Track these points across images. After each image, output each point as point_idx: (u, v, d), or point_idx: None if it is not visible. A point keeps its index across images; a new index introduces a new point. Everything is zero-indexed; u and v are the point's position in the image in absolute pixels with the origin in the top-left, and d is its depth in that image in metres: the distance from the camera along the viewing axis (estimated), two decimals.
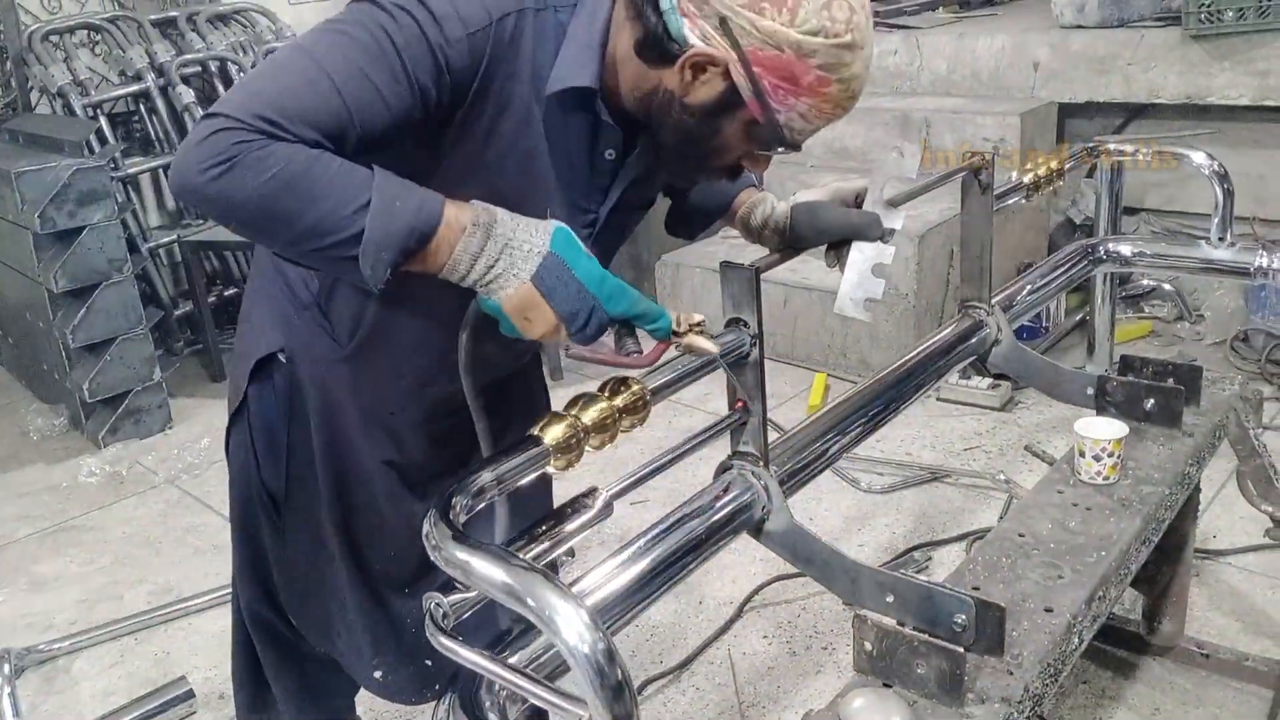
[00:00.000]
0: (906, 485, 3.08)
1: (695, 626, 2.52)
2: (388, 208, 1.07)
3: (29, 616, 2.86)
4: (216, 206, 1.08)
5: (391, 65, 1.10)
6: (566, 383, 4.06)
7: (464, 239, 1.10)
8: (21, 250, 3.78)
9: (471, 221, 1.11)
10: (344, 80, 1.09)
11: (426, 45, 1.11)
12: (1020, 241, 4.07)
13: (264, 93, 1.08)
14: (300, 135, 1.06)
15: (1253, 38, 3.61)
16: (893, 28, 4.65)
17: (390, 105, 1.11)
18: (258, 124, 1.04)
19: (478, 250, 1.10)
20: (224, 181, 1.04)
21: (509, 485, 1.12)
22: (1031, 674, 1.26)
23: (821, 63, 1.13)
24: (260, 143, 1.04)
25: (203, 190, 1.05)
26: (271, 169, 1.04)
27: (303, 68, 1.10)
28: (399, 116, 1.12)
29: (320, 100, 1.08)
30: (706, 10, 1.13)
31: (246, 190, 1.04)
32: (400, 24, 1.11)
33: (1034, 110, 4.00)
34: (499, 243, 1.11)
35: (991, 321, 1.86)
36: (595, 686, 0.92)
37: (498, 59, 1.16)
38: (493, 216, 1.12)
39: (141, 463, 3.72)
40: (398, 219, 1.07)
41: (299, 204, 1.05)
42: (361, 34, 1.11)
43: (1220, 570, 2.56)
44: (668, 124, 1.22)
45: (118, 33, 4.60)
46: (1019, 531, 1.57)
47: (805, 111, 1.18)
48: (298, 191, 1.05)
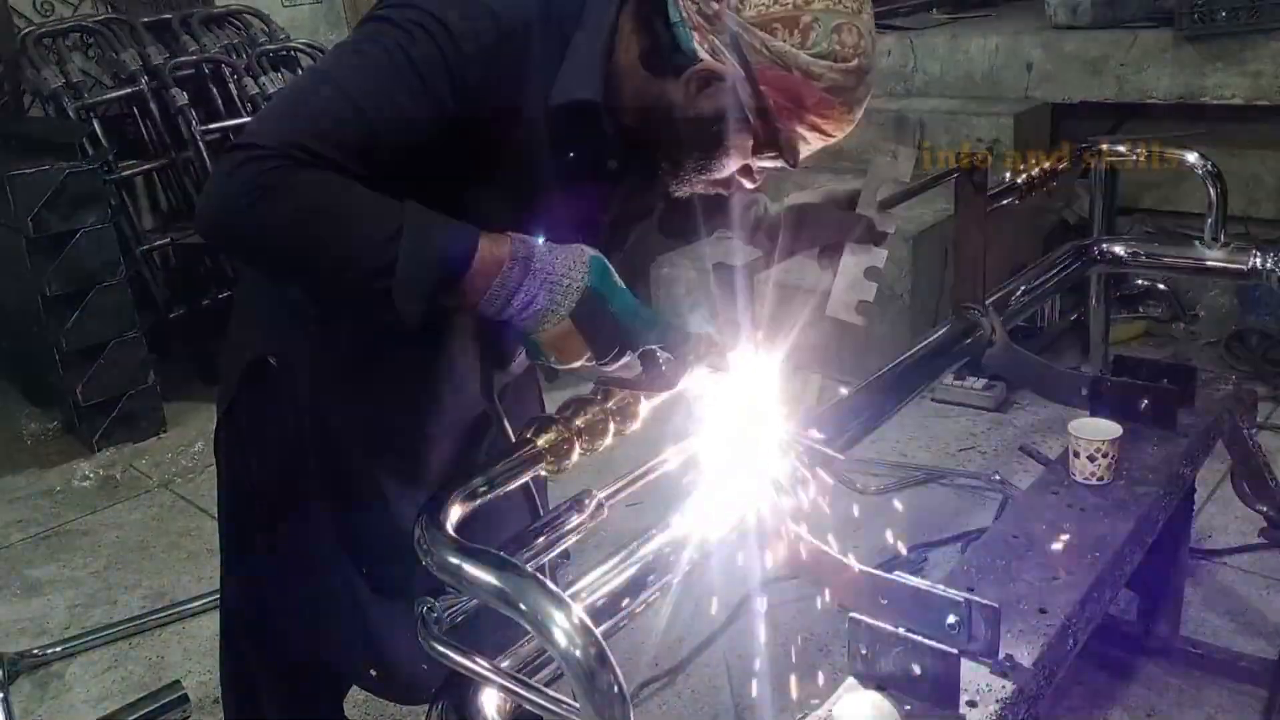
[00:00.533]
0: (901, 486, 3.08)
1: (690, 629, 2.52)
2: (421, 238, 1.07)
3: (22, 621, 2.85)
4: (250, 238, 1.08)
5: (410, 83, 1.11)
6: (560, 385, 4.06)
7: (502, 273, 1.10)
8: (14, 254, 3.76)
9: (510, 255, 1.11)
10: (366, 101, 1.09)
11: (443, 62, 1.11)
12: (1015, 242, 4.07)
13: (289, 119, 1.09)
14: (328, 158, 1.07)
15: (1245, 38, 3.62)
16: (887, 29, 4.65)
17: (412, 122, 1.12)
18: (287, 151, 1.05)
19: (516, 285, 1.11)
20: (257, 211, 1.04)
21: (500, 488, 1.12)
22: (1026, 676, 1.26)
23: (828, 85, 1.15)
24: (291, 169, 1.04)
25: (237, 222, 1.06)
26: (303, 195, 1.04)
27: (324, 92, 1.11)
28: (420, 132, 1.13)
29: (345, 123, 1.09)
30: (718, 26, 1.14)
31: (280, 217, 1.05)
32: (417, 41, 1.11)
33: (1028, 111, 4.01)
34: (538, 278, 1.11)
35: (986, 322, 1.86)
36: (588, 691, 0.92)
37: (508, 73, 1.17)
38: (530, 250, 1.12)
39: (135, 466, 3.71)
40: (430, 248, 1.07)
41: (332, 231, 1.06)
42: (379, 54, 1.11)
43: (1215, 570, 2.56)
44: (668, 135, 1.23)
45: (111, 35, 4.59)
46: (1014, 532, 1.57)
47: (806, 131, 1.20)
48: (330, 218, 1.06)
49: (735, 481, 1.38)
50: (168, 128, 4.53)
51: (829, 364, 2.38)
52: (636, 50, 1.21)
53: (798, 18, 1.13)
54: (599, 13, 1.21)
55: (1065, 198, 4.25)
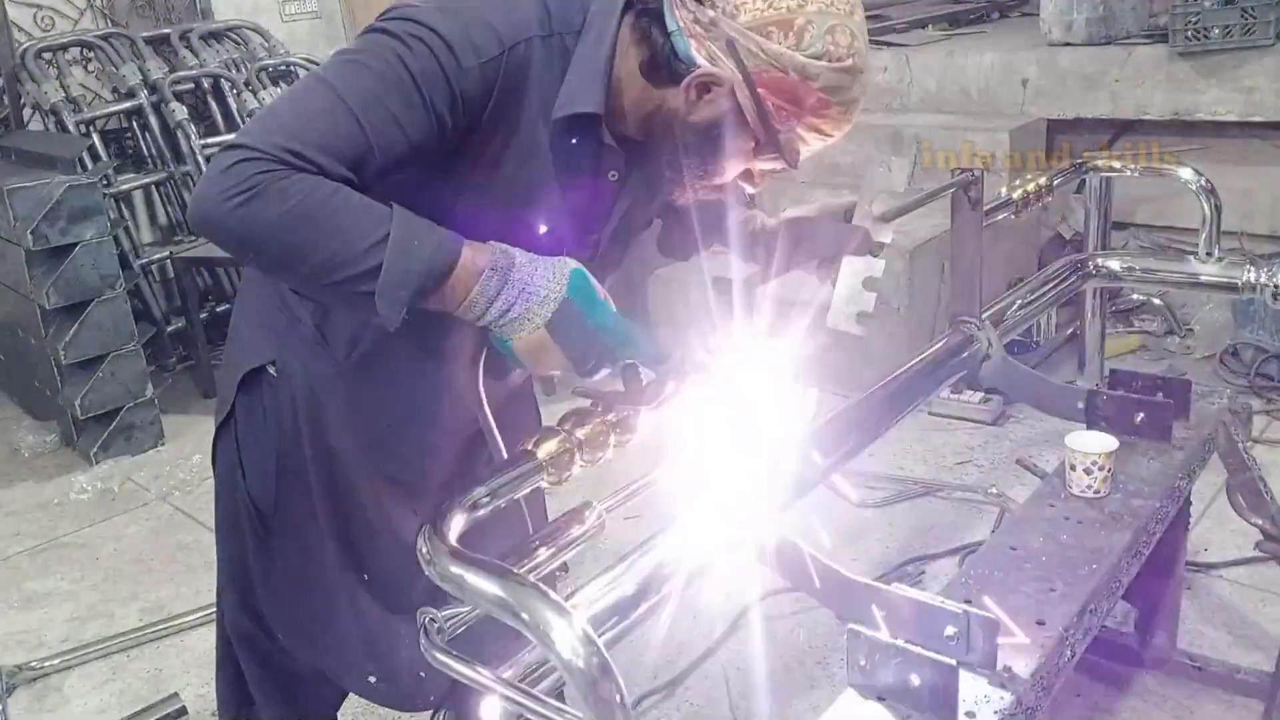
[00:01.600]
0: (899, 499, 3.08)
1: (689, 641, 2.52)
2: (406, 245, 1.09)
3: (20, 634, 2.85)
4: (236, 236, 1.10)
5: (408, 94, 1.12)
6: (560, 398, 4.06)
7: (481, 282, 1.13)
8: (13, 267, 3.77)
9: (489, 265, 1.13)
10: (363, 109, 1.11)
11: (441, 73, 1.13)
12: (1010, 257, 4.09)
13: (285, 124, 1.11)
14: (321, 165, 1.08)
15: (1239, 55, 3.64)
16: (883, 45, 4.68)
17: (408, 133, 1.13)
18: (279, 154, 1.07)
19: (494, 294, 1.13)
20: (245, 211, 1.06)
21: (501, 500, 1.13)
22: (1024, 687, 1.26)
23: (824, 85, 1.17)
24: (282, 173, 1.06)
25: (224, 220, 1.08)
26: (292, 199, 1.06)
27: (322, 98, 1.12)
28: (416, 144, 1.15)
29: (340, 130, 1.10)
30: (714, 33, 1.17)
31: (268, 220, 1.07)
32: (415, 53, 1.13)
33: (1023, 127, 4.03)
34: (516, 287, 1.13)
35: (982, 336, 1.87)
36: (590, 701, 0.93)
37: (509, 86, 1.18)
38: (510, 260, 1.14)
39: (133, 479, 3.71)
40: (415, 257, 1.09)
41: (318, 235, 1.07)
42: (378, 64, 1.13)
43: (1211, 583, 2.56)
44: (669, 142, 1.25)
45: (111, 50, 4.61)
46: (1011, 545, 1.57)
47: (805, 132, 1.22)
48: (317, 223, 1.07)
49: (733, 493, 1.39)
50: (167, 142, 4.55)
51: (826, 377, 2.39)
52: (636, 60, 1.23)
53: (792, 20, 1.15)
54: (600, 25, 1.23)
55: (1060, 212, 4.28)
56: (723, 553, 1.37)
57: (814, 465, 1.52)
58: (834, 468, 1.59)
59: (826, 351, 1.46)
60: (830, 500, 3.05)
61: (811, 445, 1.52)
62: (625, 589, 1.24)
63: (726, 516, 1.37)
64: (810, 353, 1.37)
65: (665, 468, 1.34)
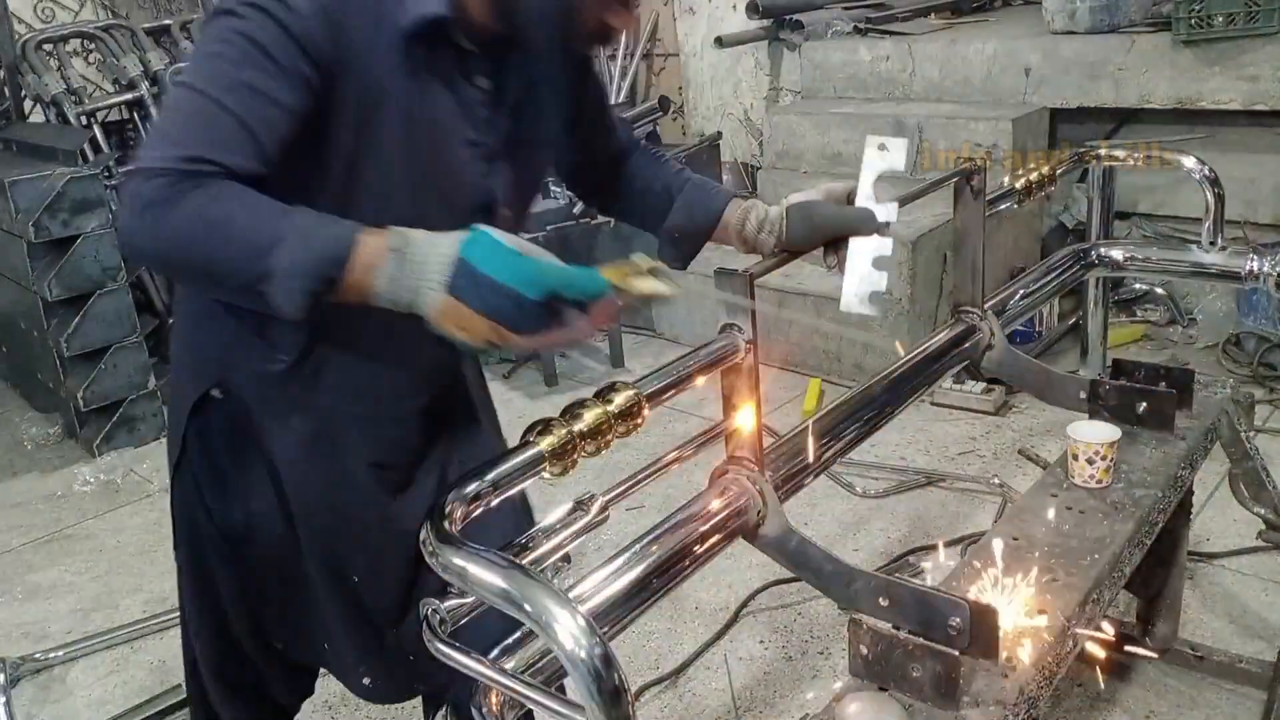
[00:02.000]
0: (901, 490, 3.08)
1: (691, 632, 2.52)
2: (302, 239, 1.09)
3: (24, 626, 2.86)
4: (148, 253, 1.14)
5: (259, 62, 1.13)
6: (561, 389, 4.07)
7: (378, 265, 1.11)
8: (15, 259, 3.78)
9: (388, 246, 1.11)
10: (226, 95, 1.12)
11: (280, 28, 1.13)
12: (1013, 246, 4.09)
13: (167, 136, 1.13)
14: (218, 161, 1.09)
15: (1242, 43, 3.63)
16: (885, 34, 4.66)
17: (280, 103, 1.14)
18: (174, 165, 1.08)
19: (394, 273, 1.11)
20: (151, 225, 1.09)
21: (504, 491, 1.13)
22: (1026, 677, 1.26)
23: None
24: (175, 183, 1.08)
25: (138, 239, 1.11)
26: (189, 208, 1.08)
27: (190, 101, 1.14)
28: (291, 108, 1.15)
29: (216, 125, 1.11)
30: None
31: (169, 232, 1.09)
32: (251, 20, 1.13)
33: (1026, 115, 4.02)
34: (411, 264, 1.11)
35: (985, 326, 1.87)
36: (593, 692, 0.93)
37: (352, 20, 1.18)
38: (405, 240, 1.12)
39: (136, 471, 3.72)
40: (311, 250, 1.09)
41: (215, 241, 1.09)
42: (223, 47, 1.14)
43: (1214, 573, 2.57)
44: (520, 12, 1.24)
45: (111, 41, 4.60)
46: (1013, 535, 1.57)
47: None
48: (213, 229, 1.08)
49: (735, 484, 1.39)
50: None
51: (829, 368, 2.39)
52: None
53: None
54: None
55: (1063, 202, 4.27)
56: (725, 543, 1.37)
57: (816, 455, 1.52)
58: (836, 458, 1.59)
59: (829, 341, 1.45)
60: (833, 490, 3.07)
61: (813, 435, 1.53)
62: (627, 580, 1.24)
63: (729, 504, 1.38)
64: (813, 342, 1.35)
65: (666, 459, 1.34)
